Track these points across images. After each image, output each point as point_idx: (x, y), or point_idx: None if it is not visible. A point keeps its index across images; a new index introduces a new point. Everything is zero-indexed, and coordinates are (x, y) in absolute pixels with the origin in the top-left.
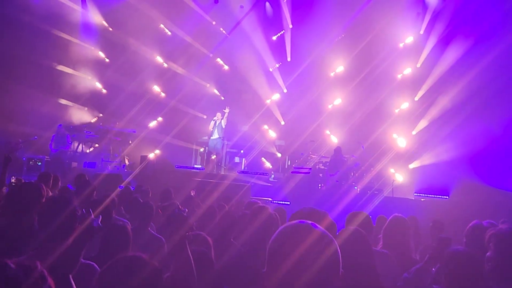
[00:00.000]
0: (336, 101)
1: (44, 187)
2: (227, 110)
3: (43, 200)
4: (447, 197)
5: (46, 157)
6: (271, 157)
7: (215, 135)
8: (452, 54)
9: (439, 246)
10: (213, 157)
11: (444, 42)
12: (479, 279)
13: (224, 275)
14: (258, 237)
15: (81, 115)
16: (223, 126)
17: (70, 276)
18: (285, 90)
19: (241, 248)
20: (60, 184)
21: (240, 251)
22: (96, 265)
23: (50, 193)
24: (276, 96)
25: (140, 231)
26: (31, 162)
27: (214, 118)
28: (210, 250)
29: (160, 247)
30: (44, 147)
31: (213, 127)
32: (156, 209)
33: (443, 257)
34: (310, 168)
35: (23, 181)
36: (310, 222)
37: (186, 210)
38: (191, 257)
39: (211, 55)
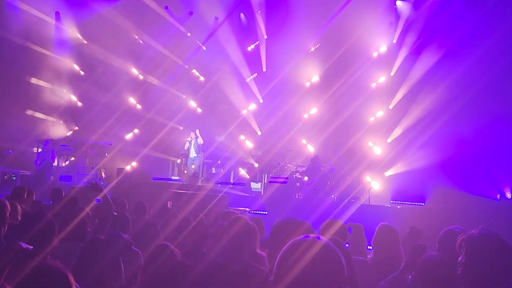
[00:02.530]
0: (312, 110)
1: (7, 203)
2: (197, 132)
3: (7, 215)
4: (423, 203)
5: (21, 171)
6: (248, 167)
7: (193, 154)
8: (425, 62)
9: (413, 253)
10: (185, 171)
11: (417, 51)
12: (452, 285)
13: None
14: (233, 247)
15: (56, 128)
16: (199, 144)
17: None
18: (261, 100)
19: (215, 259)
20: (34, 197)
21: (214, 262)
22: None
23: (20, 207)
24: (252, 106)
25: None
26: (5, 176)
27: (188, 139)
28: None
29: (136, 259)
30: (19, 161)
31: (189, 146)
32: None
33: (418, 264)
34: (287, 178)
35: None
36: (316, 236)
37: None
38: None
39: (186, 66)
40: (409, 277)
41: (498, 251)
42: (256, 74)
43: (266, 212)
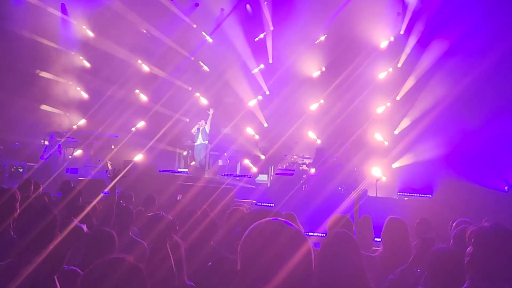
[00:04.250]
0: (319, 101)
1: (17, 192)
2: (211, 112)
3: (17, 205)
4: (431, 195)
5: (28, 163)
6: (254, 159)
7: (199, 141)
8: (433, 53)
9: (422, 246)
10: (192, 163)
11: (425, 41)
12: (462, 276)
13: (201, 278)
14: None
15: (63, 121)
16: (207, 131)
17: (55, 277)
18: (267, 92)
19: (220, 250)
20: (41, 189)
21: (219, 254)
22: (79, 270)
23: (31, 199)
24: (258, 98)
25: (120, 236)
26: (12, 168)
27: (198, 123)
28: (180, 253)
29: (141, 250)
30: (26, 154)
31: (196, 132)
32: (136, 214)
33: (427, 257)
34: (294, 170)
35: None
36: (282, 219)
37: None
38: (171, 255)
39: (192, 58)
40: (418, 270)
41: (507, 245)
42: (262, 65)
43: (273, 204)
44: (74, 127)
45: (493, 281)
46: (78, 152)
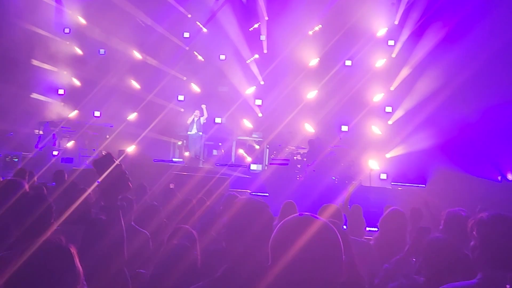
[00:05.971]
0: (313, 92)
1: (26, 184)
2: (203, 106)
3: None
4: (424, 185)
5: (23, 153)
6: (249, 149)
7: (194, 131)
8: (427, 43)
9: (418, 236)
10: (187, 153)
11: (419, 32)
12: (458, 265)
13: (205, 269)
14: (237, 230)
15: (57, 110)
16: (202, 123)
17: None
18: (262, 82)
19: (220, 240)
20: (36, 179)
21: (220, 245)
22: None
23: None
24: (253, 88)
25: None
26: (7, 158)
27: (194, 113)
28: (195, 244)
29: (144, 239)
30: (20, 143)
31: (192, 122)
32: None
33: (422, 247)
34: (288, 159)
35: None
36: (309, 213)
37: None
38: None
39: (187, 48)
40: (413, 259)
41: (509, 231)
42: (257, 55)
43: (267, 194)
44: (69, 116)
45: (506, 270)
46: (73, 142)
